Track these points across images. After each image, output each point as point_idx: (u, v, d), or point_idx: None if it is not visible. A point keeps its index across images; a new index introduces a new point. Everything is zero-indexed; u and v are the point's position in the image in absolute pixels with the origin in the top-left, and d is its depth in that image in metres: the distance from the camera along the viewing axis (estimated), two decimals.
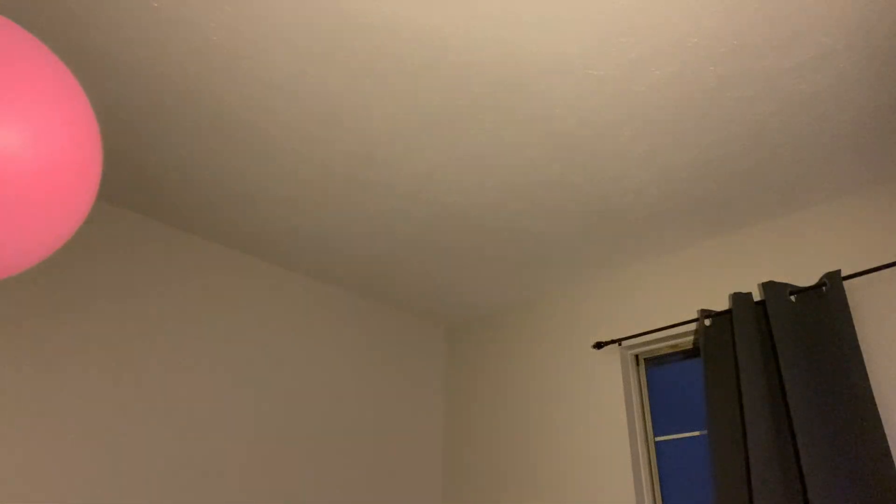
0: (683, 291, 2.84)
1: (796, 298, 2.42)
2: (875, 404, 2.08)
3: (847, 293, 2.36)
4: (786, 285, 2.43)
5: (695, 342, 2.79)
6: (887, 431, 2.13)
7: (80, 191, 0.99)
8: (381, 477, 3.19)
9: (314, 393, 3.08)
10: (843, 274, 2.39)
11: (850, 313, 2.22)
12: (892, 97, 2.00)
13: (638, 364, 2.98)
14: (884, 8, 1.69)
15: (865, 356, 2.26)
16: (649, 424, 2.83)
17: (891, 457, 2.01)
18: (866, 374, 2.12)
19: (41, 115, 0.90)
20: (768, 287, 2.44)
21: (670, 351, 2.88)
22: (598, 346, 2.97)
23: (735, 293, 2.54)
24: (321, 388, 3.12)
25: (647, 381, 2.93)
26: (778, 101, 2.03)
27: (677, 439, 2.73)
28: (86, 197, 1.01)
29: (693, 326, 2.77)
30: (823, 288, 2.35)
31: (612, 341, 2.95)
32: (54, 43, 1.86)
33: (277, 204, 2.65)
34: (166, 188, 2.56)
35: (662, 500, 2.69)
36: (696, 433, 2.68)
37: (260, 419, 2.84)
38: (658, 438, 2.79)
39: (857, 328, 2.30)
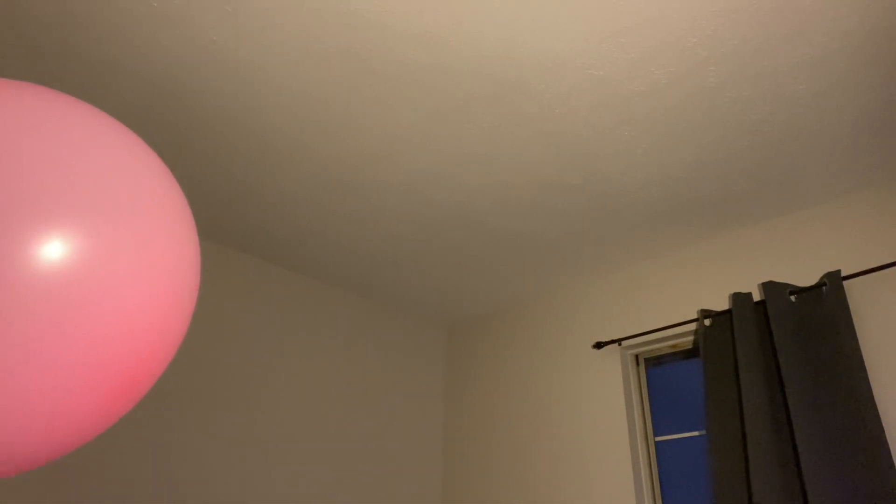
0: (683, 291, 2.84)
1: (796, 298, 2.42)
2: (875, 404, 2.08)
3: (847, 293, 2.36)
4: (786, 285, 2.43)
5: (695, 342, 2.79)
6: (887, 431, 2.13)
7: (162, 347, 0.81)
8: (381, 477, 3.19)
9: (313, 392, 3.08)
10: (843, 274, 2.39)
11: (850, 313, 2.22)
12: (892, 97, 2.00)
13: (638, 364, 2.98)
14: (882, 8, 1.69)
15: (865, 356, 2.26)
16: (649, 424, 2.83)
17: (890, 456, 2.00)
18: (866, 374, 2.12)
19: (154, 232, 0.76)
20: (768, 287, 2.44)
21: (670, 351, 2.88)
22: (598, 346, 2.97)
23: (735, 293, 2.54)
24: (321, 387, 3.12)
25: (647, 381, 2.93)
26: (778, 101, 2.03)
27: (677, 439, 2.73)
28: (166, 356, 0.83)
29: (693, 326, 2.77)
30: (823, 288, 2.35)
31: (612, 341, 2.95)
32: (54, 43, 1.86)
33: (276, 203, 2.65)
34: None
35: (662, 499, 2.69)
36: (696, 433, 2.68)
37: (259, 419, 2.84)
38: (658, 438, 2.79)
39: (857, 328, 2.30)
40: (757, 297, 2.59)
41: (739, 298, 2.51)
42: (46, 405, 0.69)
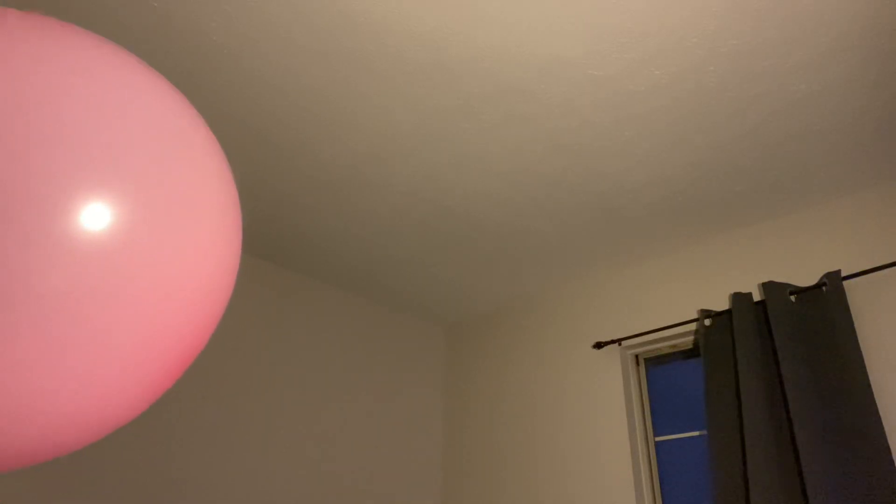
0: (683, 291, 2.84)
1: (796, 298, 2.42)
2: (875, 404, 2.08)
3: (847, 293, 2.36)
4: (786, 285, 2.43)
5: (695, 342, 2.79)
6: (887, 431, 2.13)
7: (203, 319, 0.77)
8: (381, 477, 3.19)
9: (313, 393, 3.08)
10: (843, 274, 2.39)
11: (850, 313, 2.22)
12: (892, 97, 2.00)
13: (638, 364, 2.98)
14: (883, 7, 1.69)
15: (865, 356, 2.26)
16: (649, 424, 2.83)
17: (891, 456, 2.00)
18: (866, 374, 2.12)
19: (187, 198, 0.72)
20: (768, 287, 2.44)
21: (670, 351, 2.88)
22: (598, 346, 2.97)
23: (735, 293, 2.54)
24: (320, 387, 3.12)
25: (647, 381, 2.93)
26: (778, 101, 2.03)
27: (677, 439, 2.73)
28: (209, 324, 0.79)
29: (693, 326, 2.77)
30: (823, 288, 2.35)
31: (612, 341, 2.95)
32: None
33: (275, 203, 2.65)
34: None
35: (662, 499, 2.69)
36: (696, 433, 2.68)
37: (257, 419, 2.84)
38: (658, 438, 2.79)
39: (857, 328, 2.30)
40: (757, 297, 2.59)
41: (739, 298, 2.51)
42: (98, 379, 0.67)
